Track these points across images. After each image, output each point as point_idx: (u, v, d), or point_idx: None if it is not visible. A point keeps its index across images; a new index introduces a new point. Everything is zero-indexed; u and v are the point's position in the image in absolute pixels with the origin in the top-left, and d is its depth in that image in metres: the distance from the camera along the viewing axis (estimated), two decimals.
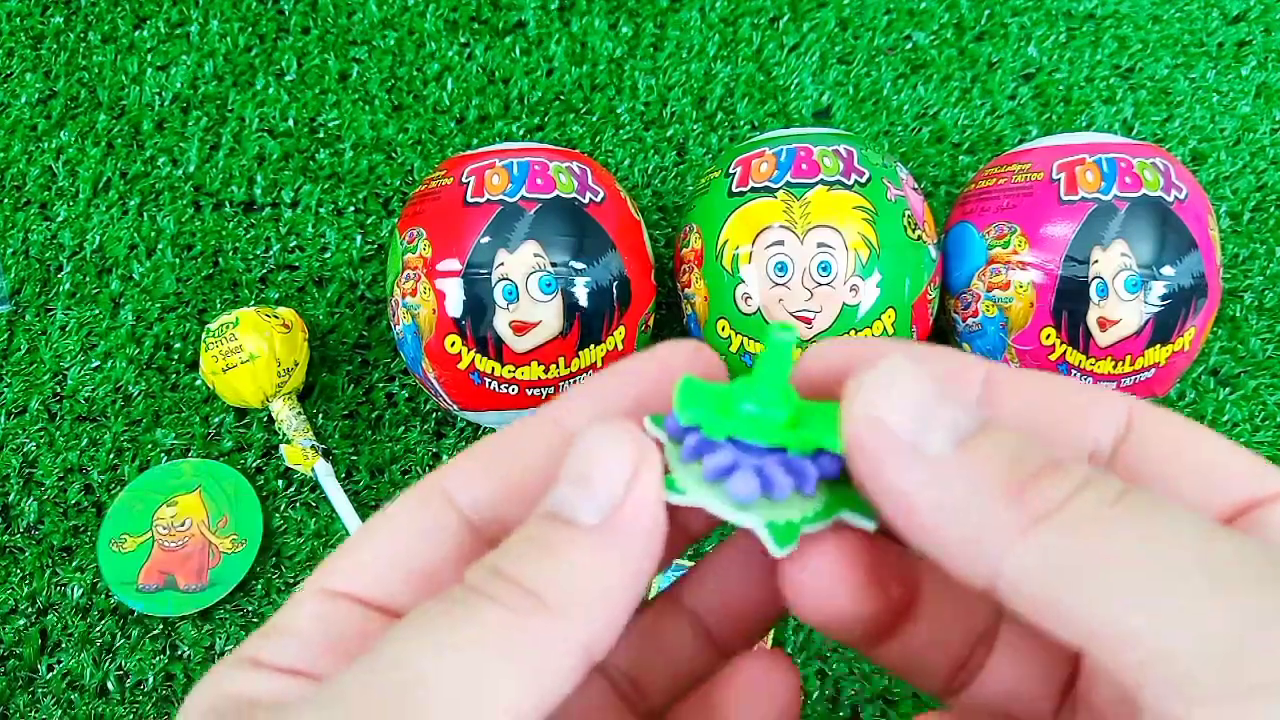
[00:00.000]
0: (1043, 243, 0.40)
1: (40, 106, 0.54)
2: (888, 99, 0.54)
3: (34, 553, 0.46)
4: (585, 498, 0.14)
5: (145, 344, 0.50)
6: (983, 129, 0.54)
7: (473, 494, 0.16)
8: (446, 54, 0.55)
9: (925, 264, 0.42)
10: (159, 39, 0.55)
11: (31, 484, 0.47)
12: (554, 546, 0.14)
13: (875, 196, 0.40)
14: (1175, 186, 0.40)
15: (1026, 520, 0.12)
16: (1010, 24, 0.56)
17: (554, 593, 0.13)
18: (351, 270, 0.51)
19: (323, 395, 0.49)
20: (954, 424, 0.13)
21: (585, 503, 0.14)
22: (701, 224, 0.42)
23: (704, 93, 0.54)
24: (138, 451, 0.48)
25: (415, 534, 0.16)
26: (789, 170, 0.40)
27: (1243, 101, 0.54)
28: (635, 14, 0.56)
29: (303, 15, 0.56)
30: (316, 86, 0.54)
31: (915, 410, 0.14)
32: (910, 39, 0.55)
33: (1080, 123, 0.54)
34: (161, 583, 0.45)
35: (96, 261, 0.51)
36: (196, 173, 0.53)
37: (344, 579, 0.15)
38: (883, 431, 0.14)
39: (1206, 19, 0.56)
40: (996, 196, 0.43)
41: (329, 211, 0.52)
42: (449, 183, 0.41)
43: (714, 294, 0.41)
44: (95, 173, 0.53)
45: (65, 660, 0.44)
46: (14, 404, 0.49)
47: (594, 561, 0.14)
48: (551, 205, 0.40)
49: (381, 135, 0.53)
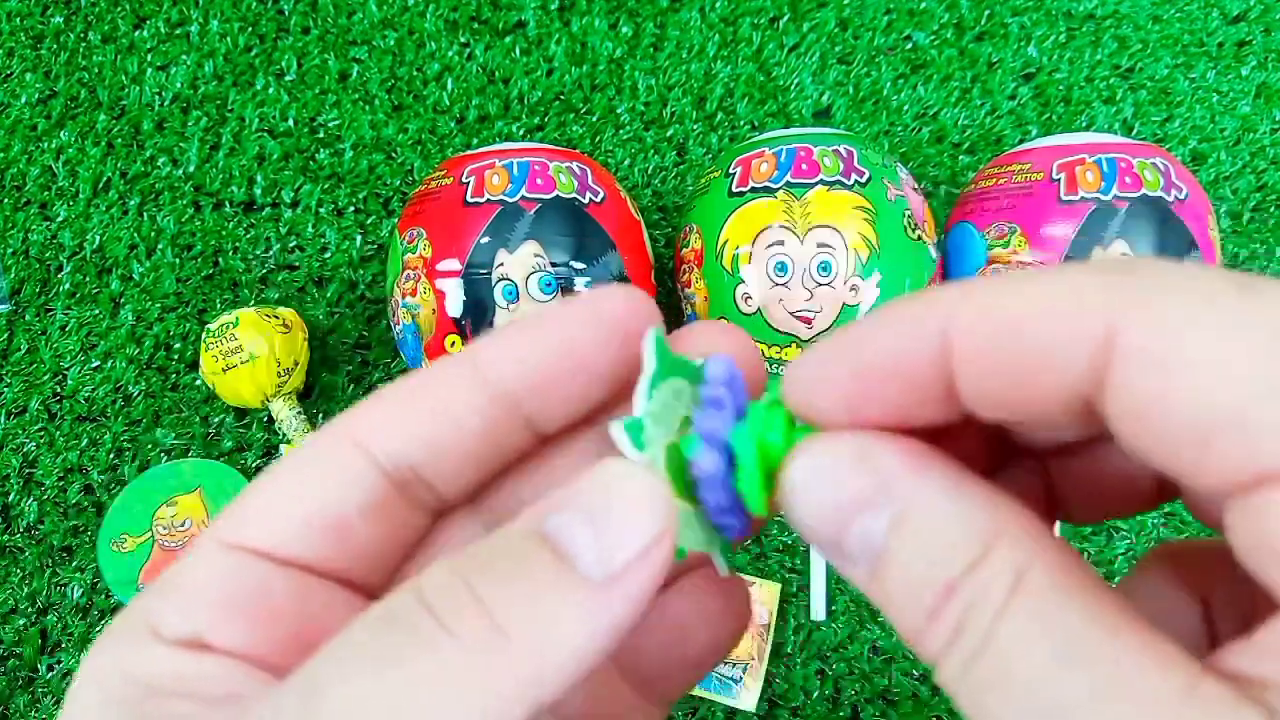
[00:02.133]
0: (1043, 243, 0.40)
1: (40, 106, 0.54)
2: (888, 99, 0.54)
3: (34, 553, 0.46)
4: (592, 544, 0.13)
5: (145, 344, 0.50)
6: (983, 129, 0.54)
7: (385, 438, 0.15)
8: (446, 54, 0.55)
9: (925, 264, 0.42)
10: (159, 39, 0.55)
11: (31, 484, 0.47)
12: (537, 582, 0.12)
13: (875, 196, 0.40)
14: (1175, 186, 0.40)
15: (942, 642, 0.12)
16: (1010, 24, 0.56)
17: (518, 630, 0.12)
18: (351, 270, 0.51)
19: (323, 395, 0.49)
20: (865, 539, 0.13)
21: (590, 550, 0.13)
22: (701, 224, 0.42)
23: (704, 93, 0.54)
24: (138, 451, 0.48)
25: (323, 482, 0.14)
26: (789, 170, 0.40)
27: (1243, 101, 0.54)
28: (635, 14, 0.56)
29: (303, 15, 0.56)
30: (316, 86, 0.54)
31: (834, 521, 0.13)
32: (910, 39, 0.55)
33: (1080, 123, 0.54)
34: None
35: (96, 261, 0.51)
36: (196, 173, 0.53)
37: (246, 530, 0.14)
38: (815, 539, 0.14)
39: (1206, 19, 0.56)
40: (996, 196, 0.43)
41: (329, 211, 0.52)
42: (449, 183, 0.41)
43: (714, 294, 0.41)
44: (95, 173, 0.53)
45: (65, 660, 0.44)
46: (14, 404, 0.49)
47: (574, 617, 0.12)
48: (551, 205, 0.40)
49: (381, 135, 0.53)
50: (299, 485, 0.14)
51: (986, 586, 0.12)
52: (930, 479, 0.13)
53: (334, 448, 0.15)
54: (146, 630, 0.13)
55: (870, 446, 0.13)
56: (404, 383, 0.15)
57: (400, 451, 0.15)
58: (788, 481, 0.14)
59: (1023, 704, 0.11)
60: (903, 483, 0.13)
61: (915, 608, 0.13)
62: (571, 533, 0.13)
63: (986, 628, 0.12)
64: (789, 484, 0.14)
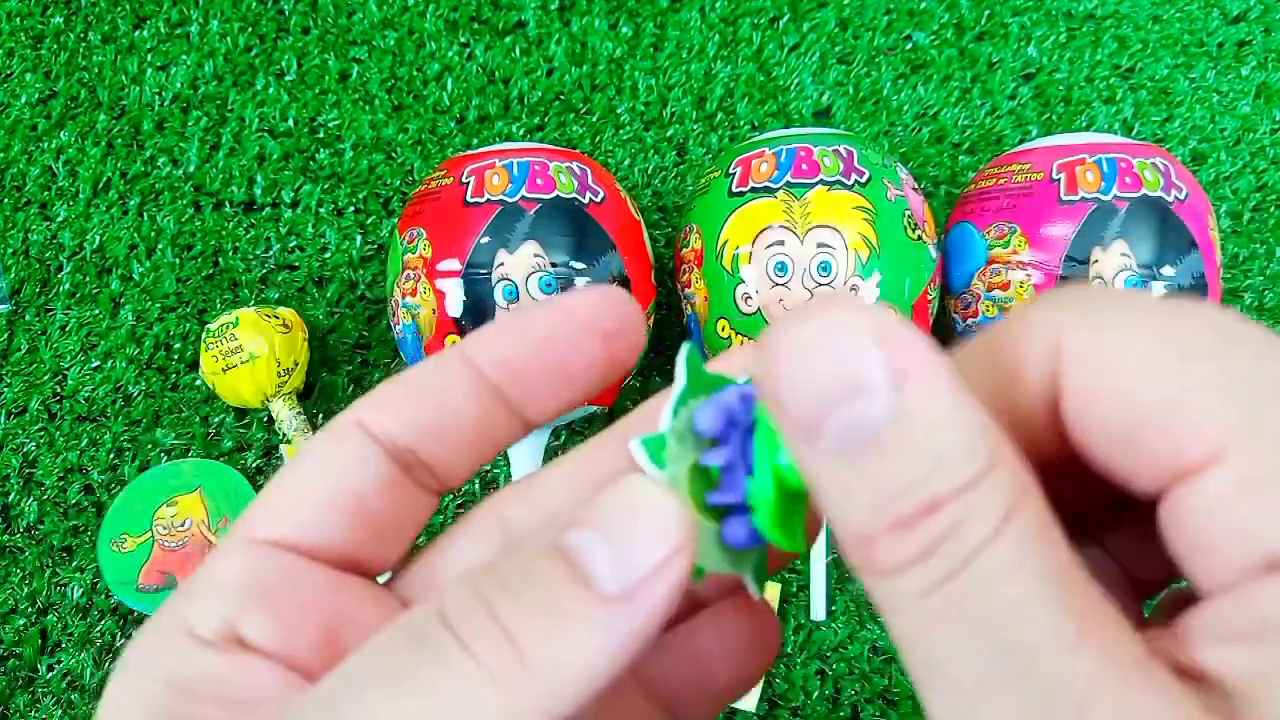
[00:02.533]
0: (1043, 243, 0.40)
1: (40, 106, 0.54)
2: (888, 99, 0.54)
3: (34, 553, 0.46)
4: (608, 561, 0.13)
5: (145, 344, 0.50)
6: (983, 129, 0.54)
7: (388, 427, 0.16)
8: (446, 54, 0.55)
9: (925, 264, 0.42)
10: (159, 39, 0.55)
11: (31, 484, 0.47)
12: (557, 604, 0.13)
13: (875, 196, 0.40)
14: (1175, 186, 0.40)
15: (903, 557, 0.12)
16: (1010, 24, 0.56)
17: (538, 654, 0.12)
18: (351, 270, 0.51)
19: (323, 395, 0.49)
20: (854, 422, 0.12)
21: (606, 566, 0.13)
22: (701, 224, 0.42)
23: (704, 93, 0.54)
24: (138, 451, 0.48)
25: (337, 470, 0.15)
26: (789, 170, 0.40)
27: (1243, 101, 0.54)
28: (635, 14, 0.56)
29: (303, 15, 0.56)
30: (316, 86, 0.54)
31: (827, 397, 0.12)
32: (910, 39, 0.55)
33: (1080, 123, 0.54)
34: (161, 583, 0.45)
35: (96, 261, 0.51)
36: (196, 173, 0.53)
37: (269, 525, 0.15)
38: (779, 409, 0.12)
39: (1206, 19, 0.56)
40: (996, 196, 0.43)
41: (329, 211, 0.52)
42: (449, 183, 0.41)
43: (714, 294, 0.41)
44: (95, 173, 0.53)
45: (65, 660, 0.44)
46: (14, 404, 0.49)
47: (592, 635, 0.13)
48: (551, 205, 0.40)
49: (381, 135, 0.53)
50: (312, 472, 0.15)
51: (976, 510, 0.11)
52: (943, 383, 0.12)
53: (341, 434, 0.15)
54: (181, 629, 0.14)
55: (889, 328, 0.12)
56: (403, 374, 0.16)
57: (400, 434, 0.15)
58: (778, 341, 0.12)
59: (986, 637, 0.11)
60: (915, 379, 0.12)
61: (882, 510, 0.12)
62: (589, 549, 0.13)
63: (968, 553, 0.11)
64: (780, 344, 0.12)
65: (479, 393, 0.16)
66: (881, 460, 0.12)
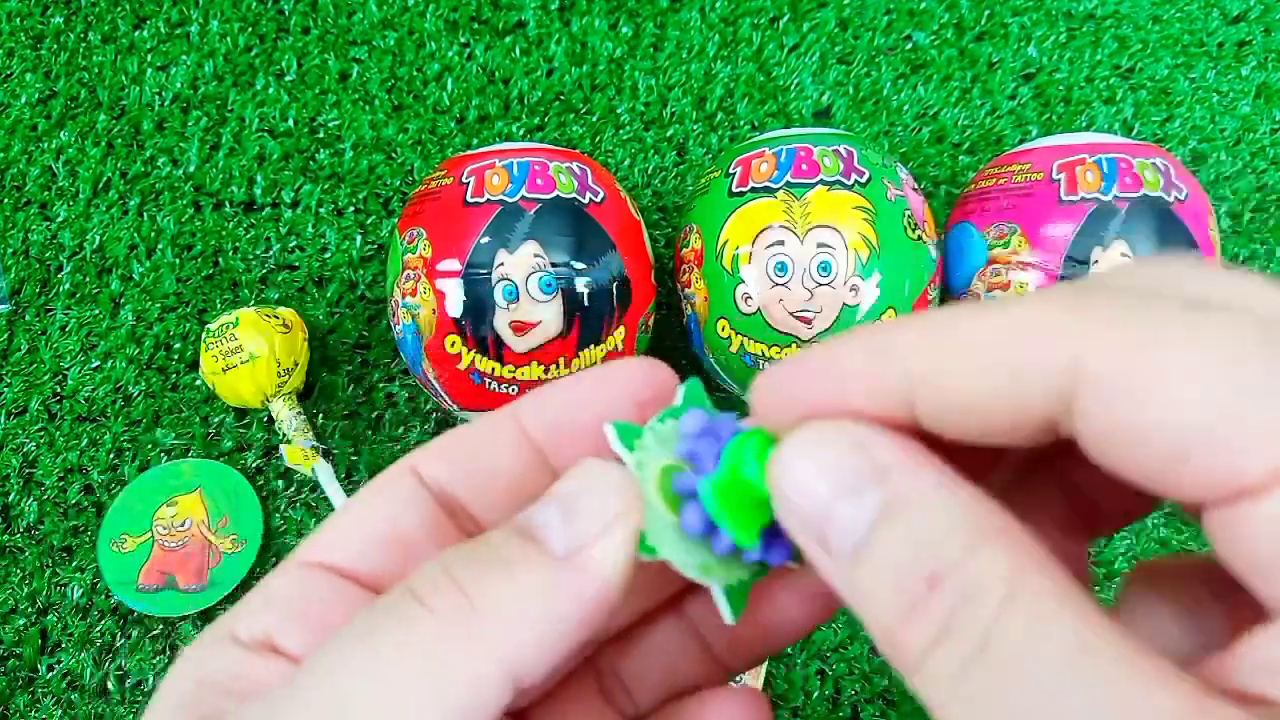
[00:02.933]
0: (1043, 243, 0.40)
1: (40, 106, 0.54)
2: (888, 99, 0.54)
3: (34, 553, 0.46)
4: (560, 527, 0.14)
5: (145, 344, 0.50)
6: (983, 129, 0.54)
7: (439, 476, 0.17)
8: (446, 54, 0.55)
9: (925, 264, 0.42)
10: (159, 39, 0.55)
11: (31, 484, 0.47)
12: (508, 561, 0.14)
13: (875, 196, 0.40)
14: (1175, 186, 0.40)
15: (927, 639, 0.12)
16: (1010, 24, 0.56)
17: (487, 602, 0.13)
18: (351, 270, 0.51)
19: (323, 395, 0.49)
20: (851, 525, 0.13)
21: (557, 531, 0.14)
22: (701, 224, 0.42)
23: (704, 93, 0.54)
24: (138, 451, 0.48)
25: (389, 509, 0.17)
26: (789, 170, 0.40)
27: (1243, 101, 0.54)
28: (635, 14, 0.56)
29: (303, 15, 0.56)
30: (316, 86, 0.54)
31: (823, 505, 0.13)
32: (910, 39, 0.55)
33: (1080, 123, 0.54)
34: (161, 583, 0.45)
35: (96, 261, 0.51)
36: (196, 173, 0.53)
37: (322, 551, 0.16)
38: (794, 520, 0.14)
39: (1206, 19, 0.56)
40: (996, 196, 0.43)
41: (329, 211, 0.52)
42: (449, 183, 0.41)
43: (714, 294, 0.41)
44: (95, 173, 0.53)
45: (65, 660, 0.44)
46: (14, 404, 0.49)
47: (539, 586, 0.14)
48: (551, 205, 0.40)
49: (381, 135, 0.53)
50: (366, 508, 0.17)
51: (979, 579, 0.12)
52: (925, 473, 0.13)
53: (397, 478, 0.17)
54: (225, 635, 0.15)
55: (866, 435, 0.14)
56: (460, 428, 0.18)
57: (448, 483, 0.17)
58: (777, 463, 0.14)
59: (1034, 712, 0.11)
60: (897, 472, 0.13)
61: (896, 601, 0.12)
62: (543, 519, 0.15)
63: (985, 626, 0.11)
64: (778, 465, 0.14)
65: (523, 451, 0.17)
66: (881, 550, 0.13)
